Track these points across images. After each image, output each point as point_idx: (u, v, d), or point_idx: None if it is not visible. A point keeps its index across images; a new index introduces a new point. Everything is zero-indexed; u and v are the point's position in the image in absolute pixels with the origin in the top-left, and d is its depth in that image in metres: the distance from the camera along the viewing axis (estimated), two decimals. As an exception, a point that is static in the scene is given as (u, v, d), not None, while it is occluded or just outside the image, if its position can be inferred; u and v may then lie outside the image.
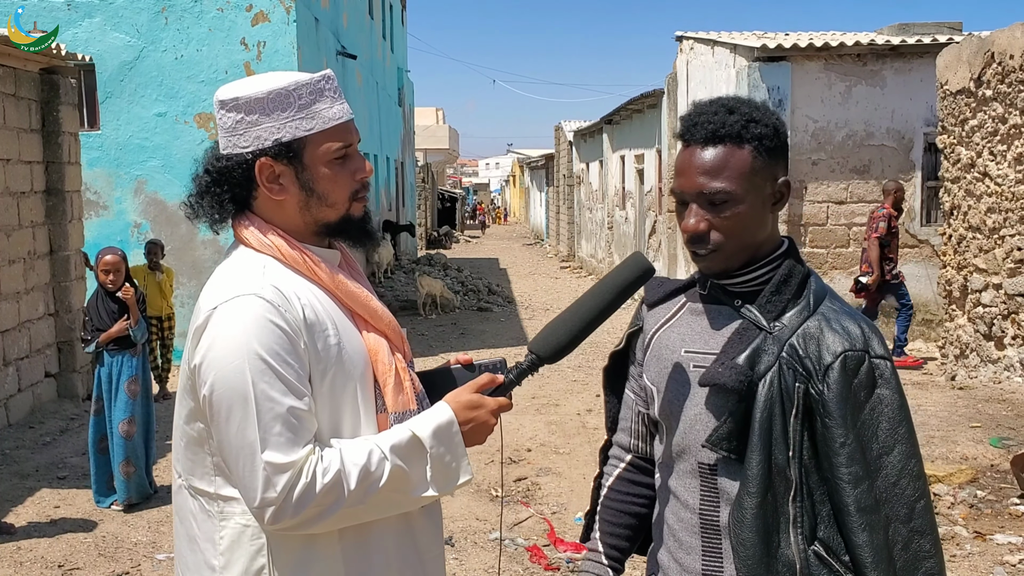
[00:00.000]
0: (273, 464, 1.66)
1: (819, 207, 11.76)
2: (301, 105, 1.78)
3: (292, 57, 11.31)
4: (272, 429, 1.67)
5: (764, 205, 1.76)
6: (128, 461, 6.12)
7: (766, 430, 1.68)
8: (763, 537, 1.68)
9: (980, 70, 8.63)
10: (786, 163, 1.81)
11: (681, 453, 1.82)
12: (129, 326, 6.12)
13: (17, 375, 8.39)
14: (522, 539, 5.58)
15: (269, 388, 1.67)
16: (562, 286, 20.84)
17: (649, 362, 1.90)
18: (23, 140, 8.69)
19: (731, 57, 12.38)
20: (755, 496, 1.68)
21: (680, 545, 1.83)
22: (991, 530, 5.31)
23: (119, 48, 11.30)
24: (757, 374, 1.69)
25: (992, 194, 8.53)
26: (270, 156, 1.78)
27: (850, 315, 1.76)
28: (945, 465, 6.27)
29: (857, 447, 1.67)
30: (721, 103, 1.77)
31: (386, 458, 1.73)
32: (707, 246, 1.75)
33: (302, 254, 1.81)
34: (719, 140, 1.73)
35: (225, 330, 1.70)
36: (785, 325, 1.73)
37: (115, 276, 6.18)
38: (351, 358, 1.81)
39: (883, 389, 1.69)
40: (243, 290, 1.73)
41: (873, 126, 11.72)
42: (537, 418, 8.38)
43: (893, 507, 1.68)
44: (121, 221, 11.48)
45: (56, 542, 5.58)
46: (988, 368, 8.68)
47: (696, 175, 1.73)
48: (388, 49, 22.37)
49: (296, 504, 1.66)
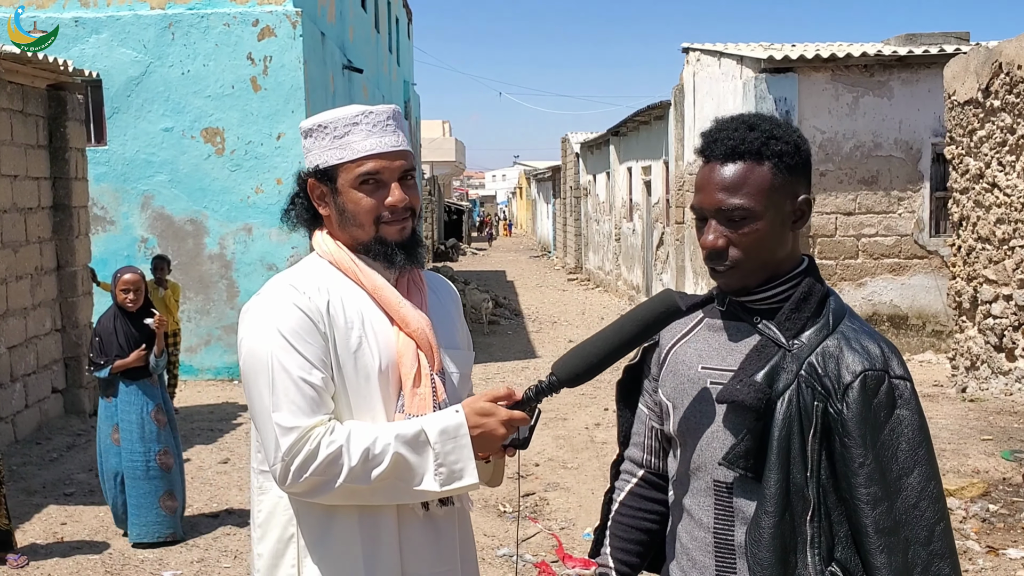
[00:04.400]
0: (281, 426, 1.85)
1: (827, 218, 11.73)
2: (335, 136, 2.00)
3: (298, 72, 11.33)
4: (285, 395, 1.86)
5: (784, 223, 1.75)
6: (170, 494, 5.82)
7: (784, 449, 1.67)
8: (780, 557, 1.66)
9: (988, 80, 8.59)
10: (808, 181, 1.79)
11: (696, 471, 1.80)
12: (152, 356, 5.79)
13: (24, 391, 8.38)
14: (530, 555, 5.54)
15: (285, 360, 1.88)
16: (569, 298, 20.81)
17: (665, 377, 1.89)
18: (30, 156, 8.71)
19: (738, 68, 12.37)
20: (773, 516, 1.66)
21: (694, 564, 1.81)
22: (1004, 545, 5.25)
23: (126, 64, 11.34)
24: (776, 392, 1.68)
25: (1001, 205, 8.48)
26: (315, 178, 2.04)
27: (869, 335, 1.74)
28: (957, 479, 6.22)
29: (876, 468, 1.65)
30: (742, 120, 1.77)
31: (391, 444, 1.85)
32: (725, 263, 1.74)
33: (350, 260, 2.03)
34: (739, 156, 1.72)
35: (256, 312, 1.97)
36: (804, 343, 1.71)
37: (135, 295, 5.83)
38: (373, 355, 1.97)
39: (903, 410, 1.68)
40: (280, 280, 2.01)
41: (881, 137, 11.70)
42: (545, 432, 8.34)
43: (912, 529, 1.65)
44: (128, 236, 11.50)
45: (63, 559, 5.56)
46: (999, 380, 8.61)
47: (715, 191, 1.73)
48: (394, 62, 22.42)
49: (299, 468, 1.82)
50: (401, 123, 2.08)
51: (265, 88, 11.33)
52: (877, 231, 11.79)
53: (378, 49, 19.31)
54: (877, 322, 11.86)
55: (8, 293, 8.17)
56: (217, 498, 6.76)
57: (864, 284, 11.82)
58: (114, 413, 5.80)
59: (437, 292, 2.22)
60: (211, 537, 5.95)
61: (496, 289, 21.19)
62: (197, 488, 6.99)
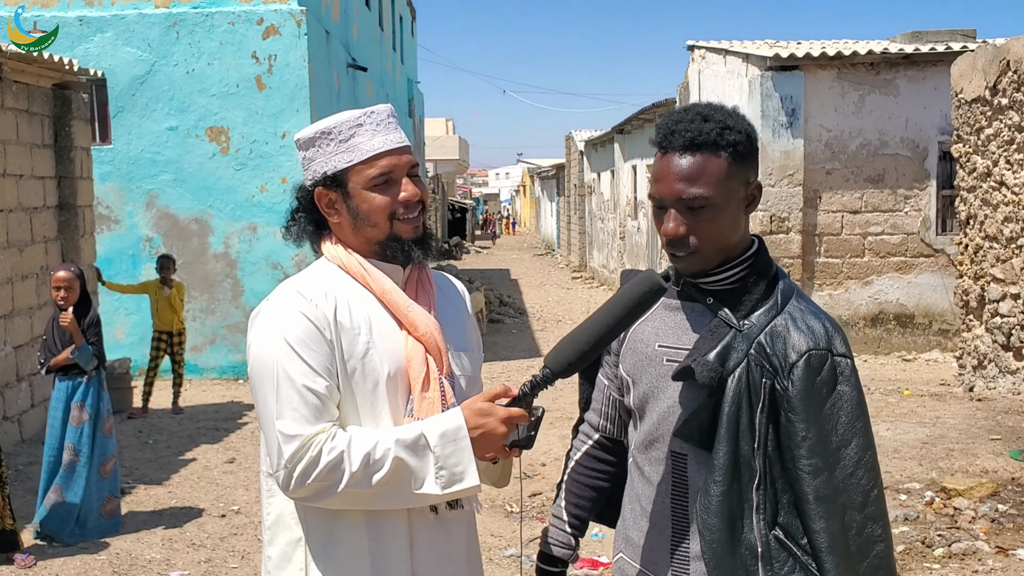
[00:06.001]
0: (284, 433, 1.87)
1: (834, 216, 11.70)
2: (341, 140, 2.00)
3: (303, 70, 11.32)
4: (288, 403, 1.88)
5: (738, 208, 1.86)
6: (57, 489, 5.76)
7: (734, 423, 1.78)
8: (728, 523, 1.79)
9: (995, 78, 8.56)
10: (757, 166, 1.91)
11: (654, 441, 1.93)
12: (72, 352, 5.77)
13: (30, 390, 8.38)
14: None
15: (290, 368, 1.89)
16: (574, 297, 20.79)
17: (625, 354, 2.01)
18: (36, 155, 8.70)
19: (743, 66, 12.34)
20: (721, 484, 1.79)
21: (652, 527, 1.95)
22: (1013, 545, 5.23)
23: (130, 63, 11.33)
24: (727, 370, 1.79)
25: (1009, 203, 8.45)
26: (323, 186, 2.03)
27: (815, 314, 1.86)
28: (965, 479, 6.19)
29: (818, 440, 1.77)
30: (696, 111, 1.85)
31: (391, 449, 1.86)
32: (686, 249, 1.84)
33: (359, 264, 2.03)
34: (696, 148, 1.81)
35: (264, 318, 1.98)
36: (754, 323, 1.82)
37: (66, 293, 5.81)
38: (381, 361, 1.97)
39: (843, 386, 1.79)
40: (288, 287, 2.01)
41: (887, 135, 11.67)
42: (551, 432, 8.32)
43: (849, 495, 1.78)
44: (133, 235, 11.50)
45: (70, 560, 5.55)
46: (1007, 379, 8.59)
47: (675, 181, 1.82)
48: (398, 60, 22.40)
49: (301, 474, 1.84)
50: (398, 120, 2.09)
51: (270, 87, 11.32)
52: (883, 229, 11.76)
53: (382, 47, 19.29)
54: (884, 320, 11.83)
55: (14, 293, 8.17)
56: (224, 498, 6.75)
57: (870, 282, 11.79)
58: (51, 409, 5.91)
59: (446, 293, 2.22)
60: (218, 537, 5.95)
61: (500, 288, 21.18)
62: (204, 488, 6.99)
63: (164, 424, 9.17)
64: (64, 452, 5.80)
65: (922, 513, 5.77)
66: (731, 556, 1.79)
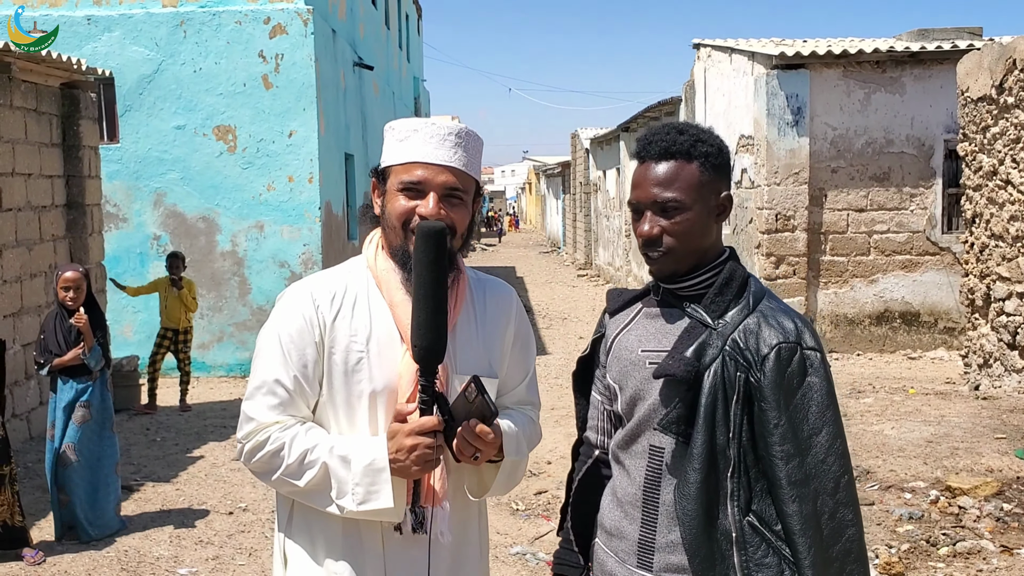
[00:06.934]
0: (246, 413, 2.08)
1: (839, 215, 11.70)
2: (397, 139, 2.09)
3: (310, 69, 11.35)
4: (259, 388, 2.07)
5: (709, 215, 1.99)
6: (62, 490, 5.79)
7: (710, 415, 1.89)
8: (705, 510, 1.89)
9: (1002, 77, 8.55)
10: (729, 180, 2.05)
11: (636, 437, 2.04)
12: (83, 353, 5.78)
13: (39, 388, 8.43)
14: (543, 553, 5.56)
15: (271, 358, 2.07)
16: (579, 295, 20.80)
17: (611, 363, 2.12)
18: (44, 154, 8.74)
19: (749, 65, 12.34)
20: (699, 472, 1.88)
21: (625, 515, 2.05)
22: (1018, 544, 5.24)
23: (138, 62, 11.38)
24: (703, 365, 1.90)
25: (1015, 202, 8.44)
26: (375, 176, 2.15)
27: (785, 312, 1.98)
28: (970, 477, 6.20)
29: (789, 428, 1.87)
30: (672, 126, 2.02)
31: (325, 454, 2.00)
32: (659, 249, 1.99)
33: (382, 268, 2.11)
34: (671, 156, 1.97)
35: (277, 307, 2.14)
36: (728, 322, 1.94)
37: (75, 294, 5.82)
38: (372, 375, 2.05)
39: (813, 377, 1.90)
40: (304, 285, 2.13)
41: (893, 133, 11.66)
42: (557, 430, 8.35)
43: (821, 481, 1.87)
44: (140, 233, 11.55)
45: (79, 557, 5.59)
46: (1012, 377, 8.58)
47: (651, 186, 1.98)
48: (404, 59, 22.42)
49: (248, 453, 2.06)
50: (470, 145, 2.08)
51: (277, 86, 11.35)
52: (889, 228, 11.75)
53: (388, 46, 19.31)
54: (889, 319, 11.83)
55: (23, 291, 8.22)
56: (231, 495, 6.79)
57: (876, 281, 11.79)
58: (52, 410, 5.88)
59: (487, 308, 2.21)
60: (226, 534, 5.98)
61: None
62: (211, 486, 7.03)
63: (172, 422, 9.22)
64: (66, 452, 5.80)
65: (927, 512, 5.78)
66: (708, 541, 1.89)
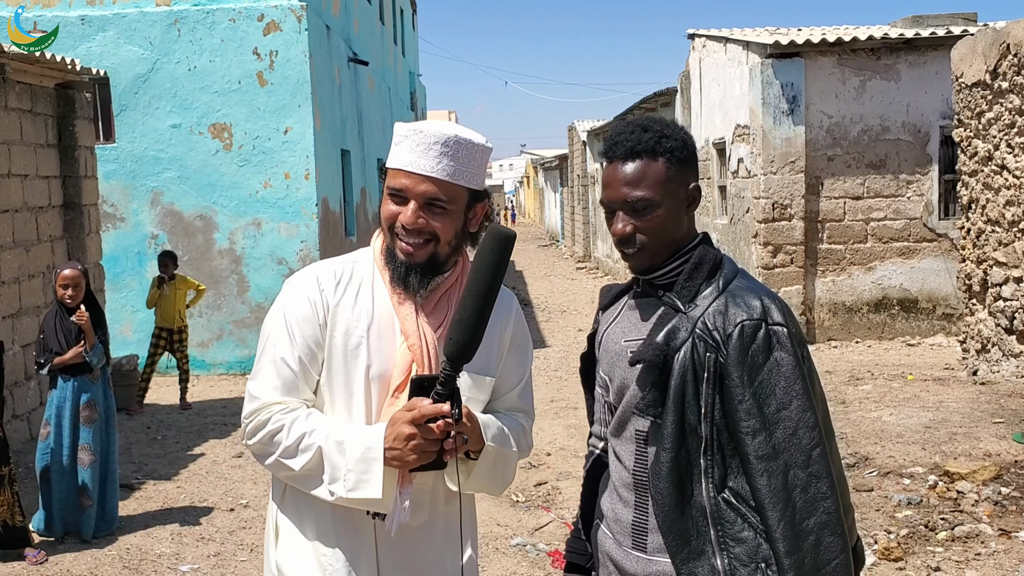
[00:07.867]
0: (250, 392, 2.13)
1: (836, 203, 11.71)
2: (395, 142, 2.13)
3: (304, 66, 11.35)
4: (264, 368, 2.12)
5: (680, 208, 2.04)
6: (83, 491, 5.76)
7: (679, 395, 1.94)
8: (677, 487, 1.94)
9: (996, 62, 8.55)
10: (696, 171, 2.09)
11: (624, 423, 2.10)
12: (84, 351, 5.74)
13: (39, 388, 8.44)
14: (543, 544, 5.58)
15: (277, 339, 2.12)
16: (578, 287, 20.82)
17: (602, 356, 2.20)
18: (40, 155, 8.75)
19: (744, 54, 12.34)
20: (669, 451, 1.94)
21: (620, 499, 2.12)
22: (1016, 527, 5.26)
23: (133, 61, 11.37)
24: (672, 348, 1.95)
25: (1011, 187, 8.45)
26: (381, 172, 2.21)
27: (754, 291, 2.00)
28: (968, 462, 6.22)
29: (754, 403, 1.90)
30: (636, 124, 2.05)
31: (321, 439, 2.03)
32: (634, 246, 2.04)
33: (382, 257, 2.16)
34: (637, 155, 2.01)
35: (284, 290, 2.20)
36: (698, 305, 1.99)
37: (74, 292, 5.78)
38: (370, 356, 2.11)
39: (779, 352, 1.92)
40: (311, 270, 2.19)
41: (888, 120, 11.66)
42: (556, 422, 8.37)
43: (792, 455, 1.89)
44: (138, 233, 11.55)
45: (81, 555, 5.61)
46: (1010, 362, 8.60)
47: (620, 186, 2.02)
48: (399, 54, 22.40)
49: (250, 432, 2.10)
50: (460, 154, 2.07)
51: (271, 83, 11.35)
52: (886, 215, 11.76)
53: (383, 41, 19.29)
54: (887, 306, 11.85)
55: (21, 292, 8.23)
56: (232, 492, 6.81)
57: (873, 268, 11.80)
58: (49, 408, 5.83)
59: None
60: (227, 531, 6.00)
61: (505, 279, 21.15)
62: (212, 483, 7.05)
63: (172, 420, 9.24)
64: (81, 453, 5.79)
65: (925, 497, 5.81)
66: (681, 518, 1.93)
